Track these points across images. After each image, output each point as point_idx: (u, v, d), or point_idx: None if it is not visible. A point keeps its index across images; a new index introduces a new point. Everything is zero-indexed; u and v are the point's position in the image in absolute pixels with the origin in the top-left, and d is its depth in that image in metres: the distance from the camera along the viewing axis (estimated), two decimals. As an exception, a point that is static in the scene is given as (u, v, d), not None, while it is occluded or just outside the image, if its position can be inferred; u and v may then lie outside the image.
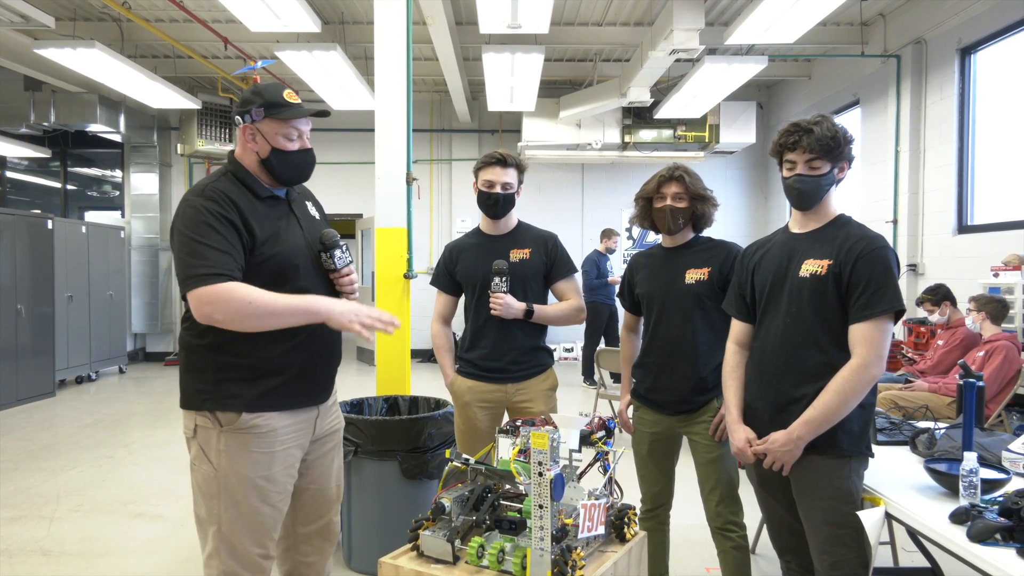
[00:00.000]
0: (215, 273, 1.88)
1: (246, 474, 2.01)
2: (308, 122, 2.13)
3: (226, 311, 1.89)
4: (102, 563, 3.56)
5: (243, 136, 2.09)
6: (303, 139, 2.11)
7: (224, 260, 1.91)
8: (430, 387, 3.69)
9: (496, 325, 2.88)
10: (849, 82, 8.73)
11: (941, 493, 2.12)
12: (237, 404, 2.00)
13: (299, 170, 2.14)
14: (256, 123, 2.05)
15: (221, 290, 1.87)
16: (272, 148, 2.06)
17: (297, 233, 2.13)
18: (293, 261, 2.06)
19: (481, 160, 2.93)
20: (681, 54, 6.53)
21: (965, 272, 6.45)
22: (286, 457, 2.09)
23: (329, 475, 2.27)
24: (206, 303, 1.88)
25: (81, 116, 9.00)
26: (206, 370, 2.02)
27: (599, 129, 9.81)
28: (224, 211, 1.95)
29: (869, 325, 2.03)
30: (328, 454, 2.26)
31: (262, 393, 2.02)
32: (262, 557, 2.07)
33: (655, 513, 2.83)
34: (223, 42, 7.98)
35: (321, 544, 2.29)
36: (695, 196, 2.64)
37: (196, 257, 1.90)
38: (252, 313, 1.90)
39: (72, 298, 8.74)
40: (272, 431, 2.04)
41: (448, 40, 7.17)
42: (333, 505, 2.30)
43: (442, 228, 11.16)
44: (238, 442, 2.01)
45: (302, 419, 2.13)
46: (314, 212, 2.28)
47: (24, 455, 5.57)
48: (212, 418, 2.02)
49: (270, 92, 2.07)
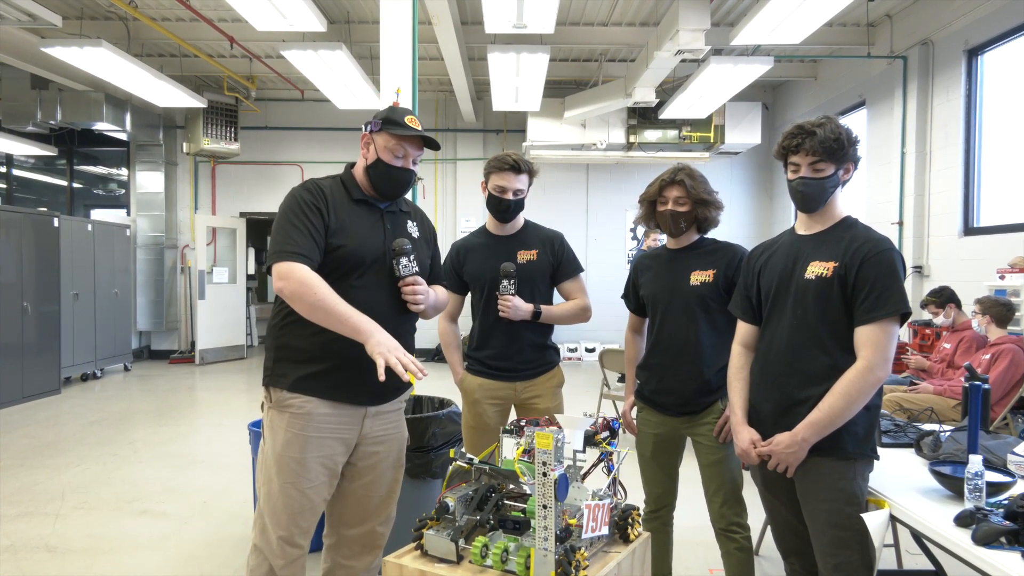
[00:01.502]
0: (296, 252, 2.07)
1: (279, 452, 2.14)
2: (420, 150, 2.30)
3: (294, 290, 2.04)
4: (106, 560, 3.57)
5: (362, 144, 2.30)
6: (407, 160, 2.27)
7: (306, 242, 2.10)
8: (434, 386, 3.70)
9: (504, 326, 2.91)
10: (855, 83, 8.71)
11: (946, 496, 2.11)
12: (283, 382, 2.16)
13: (394, 184, 2.29)
14: (373, 133, 2.26)
15: (297, 269, 2.05)
16: (378, 158, 2.24)
17: (378, 238, 2.25)
18: (360, 258, 2.19)
19: (493, 164, 2.92)
20: (686, 54, 6.53)
21: (971, 274, 6.43)
22: (321, 445, 2.16)
23: (376, 483, 2.30)
24: (280, 277, 2.06)
25: (87, 114, 9.04)
26: (271, 348, 2.23)
27: (604, 129, 9.81)
28: (315, 200, 2.17)
29: (875, 328, 2.03)
30: (377, 460, 2.29)
31: (305, 375, 2.15)
32: (284, 541, 2.13)
33: (659, 514, 2.83)
34: (229, 41, 8.00)
35: (361, 551, 2.33)
36: (697, 200, 2.63)
37: (283, 235, 2.11)
38: (311, 302, 2.03)
39: (78, 296, 8.77)
40: (307, 415, 2.13)
41: (454, 39, 7.17)
42: (378, 514, 2.33)
43: (447, 228, 11.18)
44: (279, 419, 2.16)
45: (346, 414, 2.20)
46: (414, 230, 2.40)
47: (29, 452, 5.59)
48: (267, 394, 2.21)
49: (394, 112, 2.29)
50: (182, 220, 11.25)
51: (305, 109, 10.99)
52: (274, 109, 11.12)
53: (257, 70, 9.71)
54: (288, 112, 11.11)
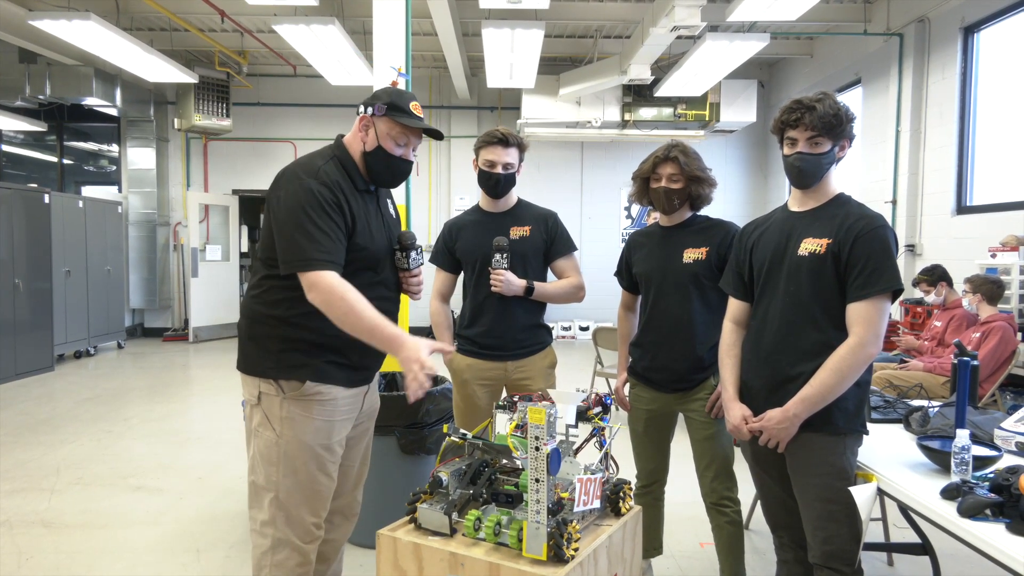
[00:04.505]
0: (327, 260, 1.99)
1: (307, 442, 2.09)
2: (421, 137, 2.22)
3: (326, 300, 1.98)
4: (102, 535, 3.59)
5: (359, 125, 2.17)
6: (407, 150, 2.19)
7: (335, 248, 2.02)
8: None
9: (496, 302, 2.88)
10: (851, 61, 8.67)
11: (933, 470, 2.14)
12: (302, 373, 2.07)
13: (393, 175, 2.23)
14: (375, 117, 2.14)
15: (329, 279, 1.98)
16: (379, 145, 2.14)
17: (383, 230, 2.22)
18: (379, 255, 2.18)
19: (482, 139, 2.91)
20: (682, 31, 6.47)
21: (963, 253, 6.46)
22: (343, 428, 2.17)
23: (357, 454, 2.34)
24: (311, 287, 1.98)
25: (77, 89, 8.93)
26: (270, 338, 2.10)
27: (599, 107, 9.75)
28: (337, 199, 2.05)
29: (867, 304, 2.04)
30: (365, 431, 2.34)
31: (328, 363, 2.10)
32: (316, 527, 2.14)
33: (650, 489, 2.86)
34: (220, 15, 7.89)
35: (342, 521, 2.36)
36: (691, 177, 2.62)
37: (310, 240, 1.99)
38: (343, 312, 1.98)
39: (70, 273, 8.73)
40: (334, 400, 2.12)
41: (447, 14, 7.10)
42: (358, 483, 2.38)
43: (440, 205, 11.14)
44: (301, 409, 2.08)
45: (355, 393, 2.21)
46: (391, 210, 2.36)
47: (23, 429, 5.60)
48: (276, 386, 2.09)
49: (399, 97, 2.16)
50: (174, 197, 11.17)
51: (298, 85, 10.88)
52: (266, 85, 11.00)
53: (249, 45, 9.59)
54: (280, 88, 11.00)
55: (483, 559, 1.68)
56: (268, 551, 2.10)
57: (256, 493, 2.14)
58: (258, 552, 2.13)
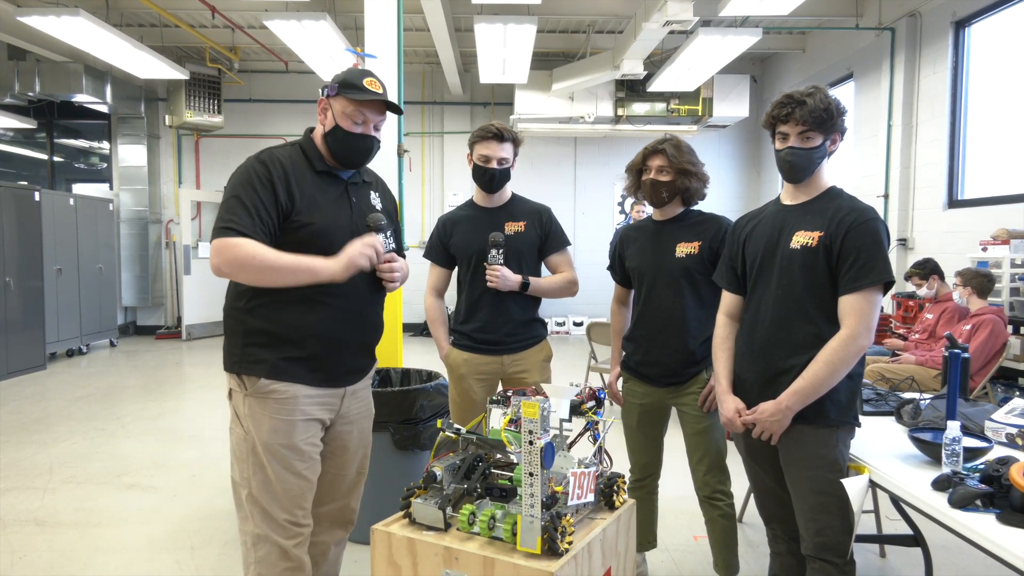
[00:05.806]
0: (233, 228, 1.94)
1: (267, 440, 2.04)
2: (382, 114, 2.16)
3: (231, 263, 1.94)
4: (96, 533, 3.58)
5: (319, 109, 2.17)
6: (368, 127, 2.13)
7: (248, 219, 1.96)
8: (422, 360, 3.70)
9: (491, 298, 2.88)
10: (843, 55, 8.69)
11: (924, 462, 2.15)
12: (260, 369, 2.04)
13: (354, 153, 2.16)
14: (330, 98, 2.12)
15: (230, 243, 1.93)
16: (335, 125, 2.11)
17: (344, 213, 2.15)
18: (328, 236, 2.07)
19: (476, 134, 2.90)
20: (675, 25, 6.47)
21: (955, 246, 6.49)
22: (308, 428, 2.09)
23: (349, 463, 2.27)
24: (215, 253, 1.95)
25: (67, 86, 8.87)
26: (237, 333, 2.08)
27: (592, 102, 9.74)
28: (269, 173, 2.02)
29: (858, 296, 2.05)
30: (350, 438, 2.25)
31: (284, 360, 2.05)
32: (292, 524, 2.08)
33: (644, 483, 2.87)
34: (210, 10, 7.84)
35: (331, 526, 2.30)
36: (680, 170, 2.63)
37: (227, 211, 1.98)
38: (255, 267, 1.94)
39: (61, 271, 8.68)
40: (293, 398, 2.05)
41: (439, 9, 7.07)
42: (351, 491, 2.31)
43: (434, 201, 11.11)
44: (261, 407, 2.05)
45: (326, 394, 2.13)
46: (376, 201, 2.29)
47: (16, 427, 5.57)
48: (239, 381, 2.07)
49: (352, 74, 2.14)
50: (166, 194, 11.11)
51: (289, 81, 10.84)
52: (258, 81, 10.95)
53: (240, 41, 9.54)
54: (272, 84, 10.95)
55: (478, 553, 1.68)
56: (251, 547, 2.09)
57: (235, 489, 2.13)
58: (244, 549, 2.12)
